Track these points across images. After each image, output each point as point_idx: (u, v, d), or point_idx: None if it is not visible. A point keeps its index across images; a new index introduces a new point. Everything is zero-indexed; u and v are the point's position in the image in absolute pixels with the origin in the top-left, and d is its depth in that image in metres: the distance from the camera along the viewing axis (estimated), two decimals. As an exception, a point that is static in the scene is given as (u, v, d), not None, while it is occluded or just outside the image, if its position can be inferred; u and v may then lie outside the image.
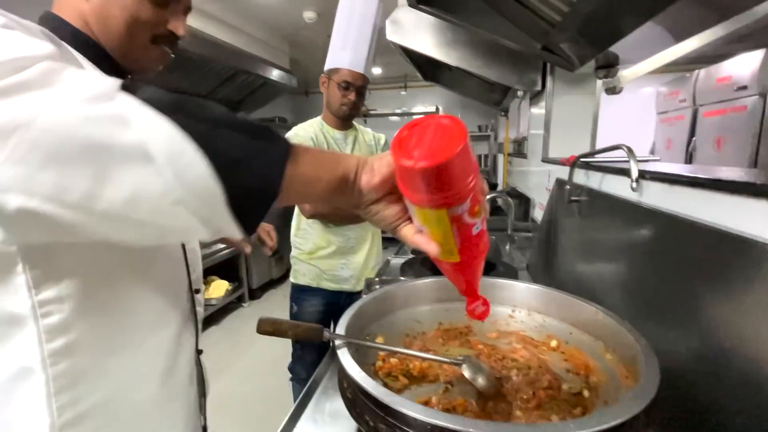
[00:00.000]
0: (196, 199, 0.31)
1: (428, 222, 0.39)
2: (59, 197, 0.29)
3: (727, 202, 0.54)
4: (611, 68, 1.38)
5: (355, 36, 1.29)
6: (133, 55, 0.61)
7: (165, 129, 0.30)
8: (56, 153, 0.28)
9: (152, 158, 0.30)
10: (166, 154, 0.30)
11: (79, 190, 0.29)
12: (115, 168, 0.29)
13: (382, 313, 0.82)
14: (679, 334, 0.60)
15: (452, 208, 0.37)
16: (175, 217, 0.32)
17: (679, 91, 3.47)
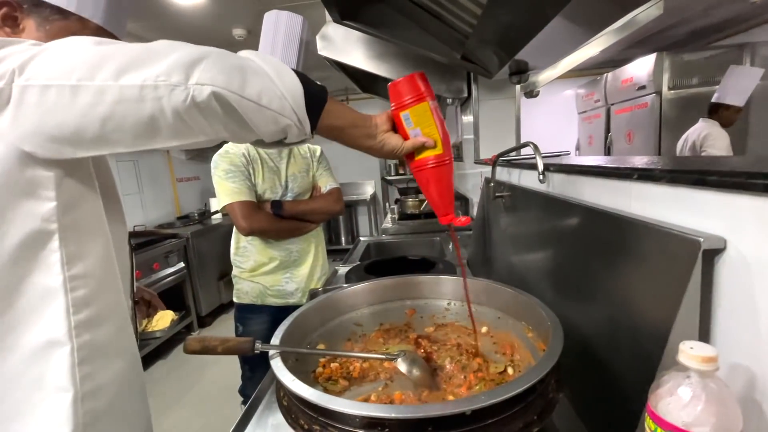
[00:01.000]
0: (290, 96, 0.50)
1: (418, 116, 0.60)
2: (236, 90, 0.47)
3: (604, 184, 0.62)
4: (523, 74, 1.51)
5: (281, 52, 1.31)
6: None
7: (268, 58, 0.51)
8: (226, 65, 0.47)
9: (268, 74, 0.49)
10: (276, 70, 0.50)
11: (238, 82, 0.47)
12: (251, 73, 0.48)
13: (323, 321, 0.83)
14: (584, 307, 0.68)
15: (430, 101, 0.59)
16: (282, 107, 0.50)
17: (594, 92, 3.84)
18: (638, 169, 0.51)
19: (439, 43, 1.51)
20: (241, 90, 0.47)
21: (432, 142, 0.61)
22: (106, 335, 0.57)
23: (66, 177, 0.51)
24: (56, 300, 0.51)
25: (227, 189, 1.30)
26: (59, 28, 0.60)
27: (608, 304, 0.59)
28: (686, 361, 0.33)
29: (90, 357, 0.54)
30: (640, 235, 0.50)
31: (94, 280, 0.55)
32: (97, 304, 0.55)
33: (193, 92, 0.44)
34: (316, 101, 0.54)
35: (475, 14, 1.14)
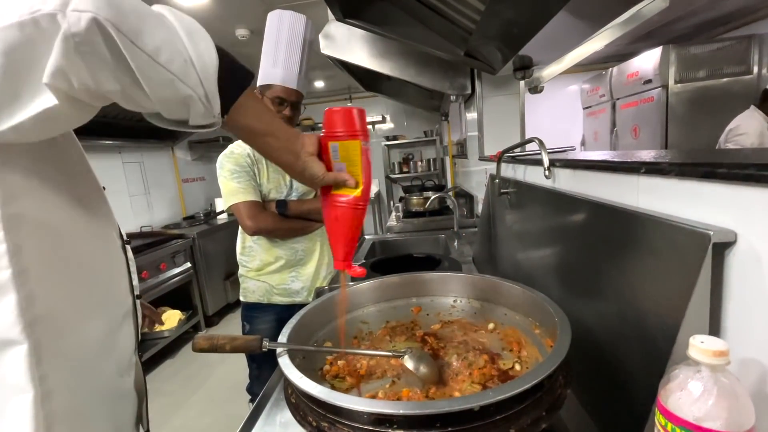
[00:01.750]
0: (199, 62, 0.44)
1: (347, 152, 0.57)
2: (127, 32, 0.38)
3: (611, 179, 0.62)
4: (527, 69, 1.50)
5: (285, 52, 1.31)
6: None
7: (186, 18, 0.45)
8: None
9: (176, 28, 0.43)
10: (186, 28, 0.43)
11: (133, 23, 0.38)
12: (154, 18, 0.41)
13: (329, 319, 0.83)
14: (592, 302, 0.67)
15: (363, 141, 0.57)
16: (186, 73, 0.43)
17: (599, 87, 3.81)
18: (646, 162, 0.51)
19: (443, 40, 1.50)
20: (135, 36, 0.38)
21: (353, 183, 0.58)
22: (70, 332, 0.52)
23: (4, 164, 0.46)
24: (6, 296, 0.46)
25: (233, 189, 1.30)
26: None
27: (616, 299, 0.59)
28: (697, 355, 0.33)
29: (50, 356, 0.49)
30: (648, 229, 0.49)
31: (49, 273, 0.50)
32: (54, 300, 0.50)
33: (70, 20, 0.35)
34: (235, 82, 0.48)
35: (478, 10, 1.14)
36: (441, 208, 2.51)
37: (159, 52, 0.40)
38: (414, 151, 5.11)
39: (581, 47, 1.53)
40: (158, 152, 3.64)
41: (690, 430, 0.32)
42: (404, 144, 5.01)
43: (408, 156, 5.06)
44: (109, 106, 0.48)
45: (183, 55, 0.42)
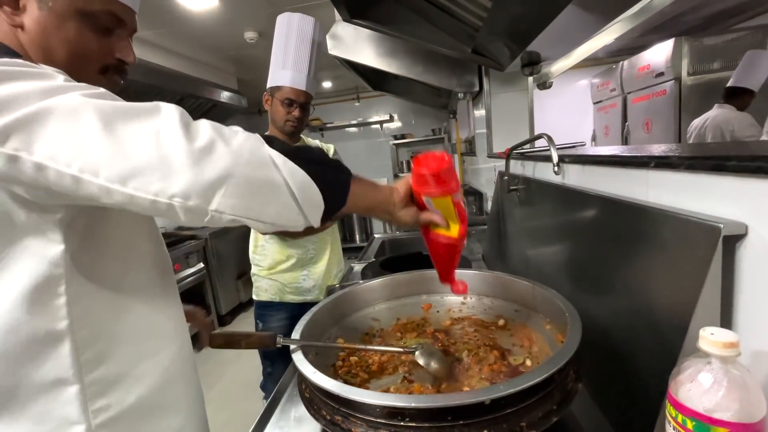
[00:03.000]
0: (309, 208, 0.49)
1: (440, 206, 0.60)
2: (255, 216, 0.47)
3: (621, 174, 0.61)
4: (535, 65, 1.49)
5: (294, 54, 1.32)
6: None
7: (296, 171, 0.48)
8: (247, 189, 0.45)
9: (292, 191, 0.47)
10: (299, 187, 0.48)
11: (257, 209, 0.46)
12: (271, 193, 0.47)
13: (341, 317, 0.85)
14: (602, 297, 0.67)
15: (453, 195, 0.59)
16: (296, 221, 0.50)
17: (609, 81, 3.75)
18: (655, 156, 0.51)
19: (449, 38, 1.50)
20: (259, 215, 0.46)
21: (447, 225, 0.62)
22: (122, 365, 0.55)
23: (75, 218, 0.49)
24: (61, 343, 0.49)
25: None
26: (63, 4, 0.52)
27: (627, 293, 0.59)
28: (707, 347, 0.33)
29: (102, 391, 0.53)
30: (658, 223, 0.49)
31: (103, 316, 0.53)
32: (107, 339, 0.54)
33: (212, 216, 0.43)
34: (337, 199, 0.53)
35: (484, 7, 1.14)
36: (450, 206, 2.51)
37: (277, 218, 0.48)
38: (422, 149, 5.10)
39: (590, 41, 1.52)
40: (170, 155, 3.70)
41: (700, 421, 0.32)
42: (412, 142, 5.01)
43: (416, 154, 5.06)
44: None
45: (294, 211, 0.48)
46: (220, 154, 0.43)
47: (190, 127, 0.43)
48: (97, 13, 0.54)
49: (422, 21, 1.51)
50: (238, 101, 3.55)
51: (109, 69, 0.58)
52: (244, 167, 0.44)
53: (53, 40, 0.53)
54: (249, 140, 0.46)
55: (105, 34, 0.56)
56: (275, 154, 0.47)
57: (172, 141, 0.41)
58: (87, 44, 0.55)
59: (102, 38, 0.56)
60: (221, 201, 0.43)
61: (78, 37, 0.54)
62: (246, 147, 0.45)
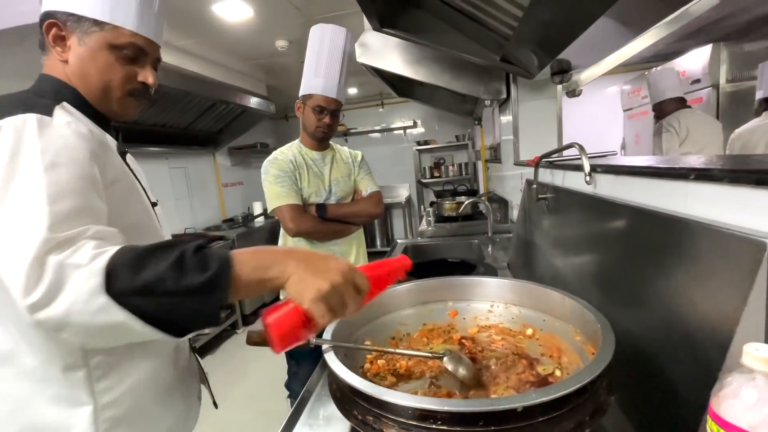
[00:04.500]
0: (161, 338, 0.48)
1: None
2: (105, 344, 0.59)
3: (657, 185, 0.61)
4: (565, 73, 1.48)
5: (326, 63, 1.37)
6: (111, 108, 0.71)
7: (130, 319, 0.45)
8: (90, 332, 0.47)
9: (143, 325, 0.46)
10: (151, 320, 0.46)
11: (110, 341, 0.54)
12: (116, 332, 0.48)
13: (369, 319, 0.86)
14: (634, 310, 0.66)
15: None
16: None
17: (640, 88, 3.65)
18: (696, 169, 0.50)
19: (478, 46, 1.51)
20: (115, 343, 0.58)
21: None
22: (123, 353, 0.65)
23: None
24: None
25: (276, 193, 1.37)
26: (96, 40, 0.65)
27: (661, 306, 0.58)
28: (751, 363, 0.33)
29: (106, 374, 0.63)
30: (698, 237, 0.49)
31: None
32: None
33: None
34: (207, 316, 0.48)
35: (515, 16, 1.14)
36: (474, 213, 2.50)
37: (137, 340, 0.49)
38: (445, 156, 5.09)
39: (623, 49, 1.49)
40: (201, 158, 3.84)
41: (744, 437, 0.32)
42: (435, 148, 5.01)
43: (439, 160, 5.05)
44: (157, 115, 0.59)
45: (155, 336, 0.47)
46: (58, 307, 0.44)
47: (38, 266, 0.44)
48: (123, 45, 0.66)
49: (451, 29, 1.53)
50: (267, 107, 3.65)
51: (134, 92, 0.70)
52: (80, 317, 0.44)
53: (88, 69, 0.66)
54: (84, 285, 0.44)
55: (130, 62, 0.68)
56: (111, 304, 0.44)
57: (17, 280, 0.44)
58: (115, 71, 0.67)
59: (127, 66, 0.68)
60: (69, 338, 0.48)
61: (107, 66, 0.66)
62: (81, 296, 0.44)
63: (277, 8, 2.27)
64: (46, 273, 0.44)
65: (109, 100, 0.69)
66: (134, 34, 0.67)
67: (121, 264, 0.45)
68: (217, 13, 2.26)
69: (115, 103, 0.70)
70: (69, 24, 0.65)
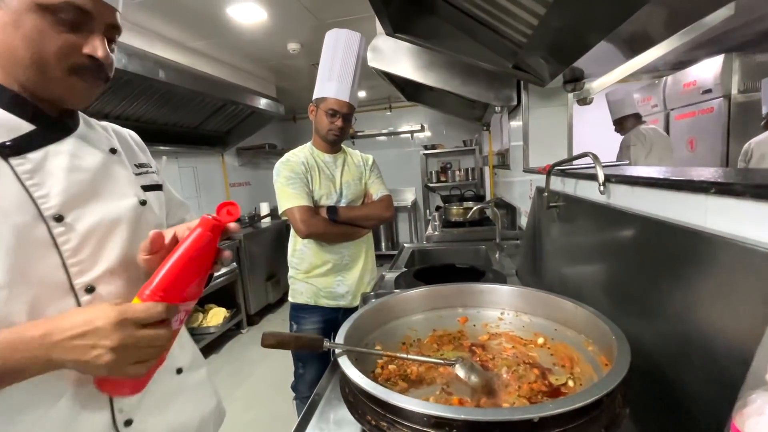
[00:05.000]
0: None
1: None
2: None
3: (675, 198, 0.61)
4: (578, 82, 1.48)
5: (339, 68, 1.38)
6: (51, 91, 0.54)
7: None
8: None
9: None
10: None
11: None
12: None
13: (379, 324, 0.87)
14: (648, 323, 0.66)
15: None
16: None
17: (651, 96, 3.64)
18: (717, 183, 0.50)
19: (490, 53, 1.51)
20: None
21: None
22: None
23: None
24: None
25: (288, 194, 1.38)
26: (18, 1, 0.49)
27: (678, 320, 0.58)
28: (777, 381, 0.32)
29: None
30: (718, 250, 0.49)
31: None
32: None
33: None
34: None
35: (530, 24, 1.14)
36: (481, 218, 2.49)
37: None
38: (452, 160, 5.09)
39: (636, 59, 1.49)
40: (210, 157, 3.87)
41: (769, 456, 0.32)
42: (442, 153, 5.01)
43: (446, 165, 5.05)
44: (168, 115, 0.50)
45: None
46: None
47: None
48: (57, 6, 0.49)
49: (464, 36, 1.53)
50: (276, 108, 3.68)
51: (80, 68, 0.53)
52: None
53: (13, 40, 0.49)
54: None
55: (71, 29, 0.51)
56: None
57: None
58: (48, 41, 0.50)
59: (66, 34, 0.51)
60: None
61: (37, 33, 0.49)
62: None
63: (291, 11, 2.29)
64: None
65: (46, 80, 0.52)
66: None
67: None
68: (232, 16, 2.28)
69: (57, 85, 0.53)
70: None
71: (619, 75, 1.69)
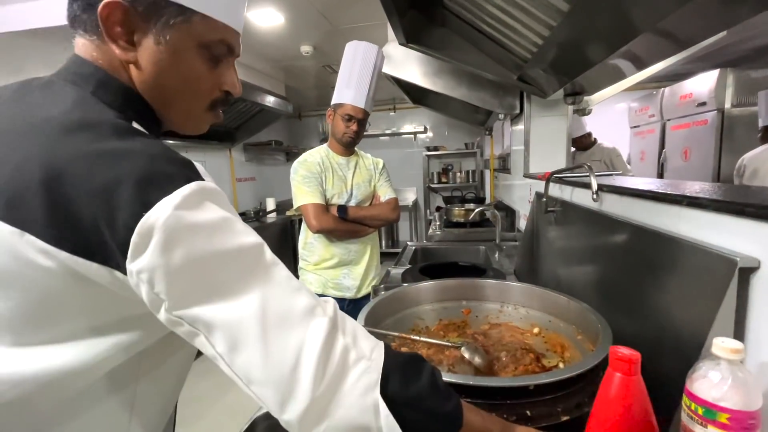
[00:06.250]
0: None
1: None
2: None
3: (655, 207, 0.71)
4: (578, 95, 1.58)
5: (357, 76, 1.50)
6: (185, 123, 0.55)
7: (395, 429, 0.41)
8: None
9: None
10: None
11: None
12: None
13: (391, 312, 0.96)
14: (629, 314, 0.76)
15: None
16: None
17: (648, 106, 3.75)
18: (688, 196, 0.60)
19: (497, 65, 1.61)
20: None
21: None
22: None
23: None
24: None
25: (303, 192, 1.49)
26: (180, 38, 0.48)
27: (653, 312, 0.68)
28: (718, 351, 0.42)
29: None
30: (687, 253, 0.59)
31: None
32: None
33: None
34: None
35: (536, 43, 1.24)
36: (481, 219, 2.60)
37: None
38: (453, 162, 5.19)
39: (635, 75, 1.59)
40: (218, 152, 3.95)
41: (709, 408, 0.42)
42: (444, 155, 5.11)
43: (447, 167, 5.15)
44: None
45: None
46: (333, 393, 0.40)
47: (329, 348, 0.41)
48: (214, 43, 0.50)
49: (472, 48, 1.63)
50: (284, 107, 3.77)
51: (216, 104, 0.55)
52: (347, 410, 0.40)
53: (167, 77, 0.49)
54: (364, 378, 0.41)
55: (216, 65, 0.52)
56: (382, 405, 0.41)
57: (308, 364, 0.39)
58: (201, 79, 0.51)
59: (214, 71, 0.52)
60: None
61: (193, 72, 0.50)
62: (358, 388, 0.41)
63: (307, 17, 2.38)
64: (333, 358, 0.40)
65: (186, 116, 0.53)
66: (226, 27, 0.51)
67: (392, 368, 0.42)
68: (250, 19, 2.37)
69: (193, 119, 0.54)
70: (140, 10, 0.45)
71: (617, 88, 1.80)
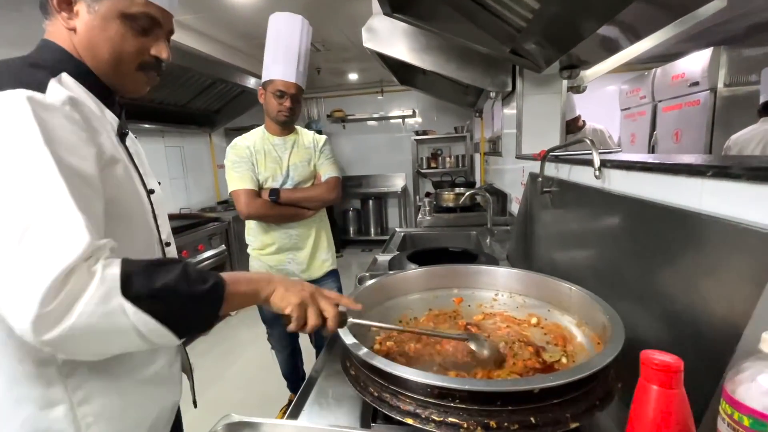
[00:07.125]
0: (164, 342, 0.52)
1: None
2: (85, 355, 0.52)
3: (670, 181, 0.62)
4: (574, 69, 1.48)
5: (284, 50, 1.41)
6: (121, 82, 0.67)
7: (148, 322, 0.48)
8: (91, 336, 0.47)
9: (141, 334, 0.49)
10: (149, 331, 0.49)
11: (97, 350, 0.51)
12: (117, 338, 0.49)
13: (377, 302, 0.88)
14: (639, 302, 0.68)
15: None
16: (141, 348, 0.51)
17: (640, 88, 3.68)
18: (714, 166, 0.52)
19: (489, 37, 1.51)
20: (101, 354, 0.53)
21: None
22: None
23: None
24: None
25: (232, 177, 1.45)
26: (108, 8, 0.60)
27: (669, 299, 0.60)
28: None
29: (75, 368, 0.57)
30: (712, 231, 0.51)
31: None
32: None
33: None
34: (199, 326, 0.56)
35: (531, 8, 1.14)
36: (472, 204, 2.52)
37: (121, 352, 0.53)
38: (443, 147, 5.09)
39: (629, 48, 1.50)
40: (197, 138, 3.78)
41: (758, 418, 0.34)
42: (433, 139, 5.01)
43: (437, 151, 5.05)
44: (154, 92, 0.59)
45: (143, 346, 0.51)
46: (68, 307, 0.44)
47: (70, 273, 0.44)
48: (137, 15, 0.62)
49: (462, 19, 1.52)
50: (266, 89, 3.60)
51: (146, 66, 0.66)
52: (86, 318, 0.44)
53: (98, 40, 0.61)
54: (100, 289, 0.45)
55: (143, 34, 0.64)
56: (128, 305, 0.47)
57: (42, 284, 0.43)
58: (126, 43, 0.63)
59: (140, 38, 0.64)
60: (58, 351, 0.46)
61: (119, 36, 0.62)
62: (95, 298, 0.45)
63: (285, -12, 2.21)
64: (70, 283, 0.44)
65: (119, 74, 0.65)
66: (148, 3, 0.63)
67: (133, 272, 0.48)
68: (224, -9, 2.20)
69: (126, 78, 0.66)
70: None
71: (612, 64, 1.71)
